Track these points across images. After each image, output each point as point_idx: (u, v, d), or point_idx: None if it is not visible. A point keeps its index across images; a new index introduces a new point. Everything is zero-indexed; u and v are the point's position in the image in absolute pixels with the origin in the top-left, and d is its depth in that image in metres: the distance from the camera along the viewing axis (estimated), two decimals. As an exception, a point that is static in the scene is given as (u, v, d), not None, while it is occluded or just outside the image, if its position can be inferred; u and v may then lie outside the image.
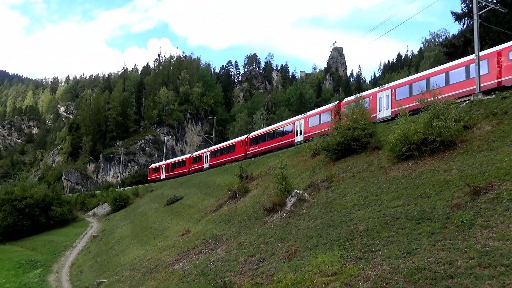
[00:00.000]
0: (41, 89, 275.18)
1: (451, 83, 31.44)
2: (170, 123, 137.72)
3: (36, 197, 63.36)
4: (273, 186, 28.10)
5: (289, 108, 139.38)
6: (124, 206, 65.13)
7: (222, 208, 32.33)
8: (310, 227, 18.88)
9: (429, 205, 15.50)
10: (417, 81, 34.09)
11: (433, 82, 31.49)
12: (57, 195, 68.92)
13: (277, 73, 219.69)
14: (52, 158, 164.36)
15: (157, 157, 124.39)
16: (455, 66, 31.87)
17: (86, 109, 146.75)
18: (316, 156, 32.64)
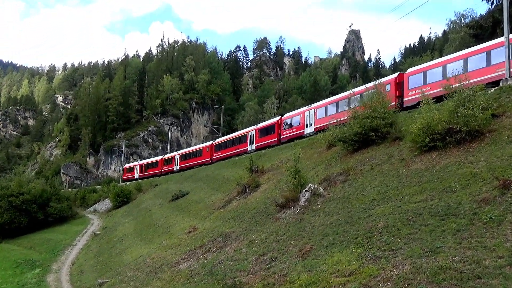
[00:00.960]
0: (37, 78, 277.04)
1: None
2: (175, 113, 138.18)
3: (34, 193, 64.04)
4: (285, 180, 28.09)
5: (302, 96, 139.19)
6: (126, 202, 65.65)
7: (231, 204, 32.44)
8: (326, 223, 18.88)
9: (455, 200, 15.41)
10: (334, 102, 45.57)
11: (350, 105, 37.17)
12: (55, 191, 69.60)
13: (289, 58, 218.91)
14: (50, 151, 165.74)
15: (161, 150, 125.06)
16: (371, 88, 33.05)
17: (85, 99, 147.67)
18: (332, 147, 32.56)
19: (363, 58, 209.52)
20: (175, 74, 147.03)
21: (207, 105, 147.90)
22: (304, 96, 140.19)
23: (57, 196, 68.14)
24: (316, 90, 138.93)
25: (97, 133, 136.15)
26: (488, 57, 30.73)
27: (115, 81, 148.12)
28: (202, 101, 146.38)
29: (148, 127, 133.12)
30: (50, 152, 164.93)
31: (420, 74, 35.89)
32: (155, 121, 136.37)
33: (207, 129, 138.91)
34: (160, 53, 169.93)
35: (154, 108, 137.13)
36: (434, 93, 30.18)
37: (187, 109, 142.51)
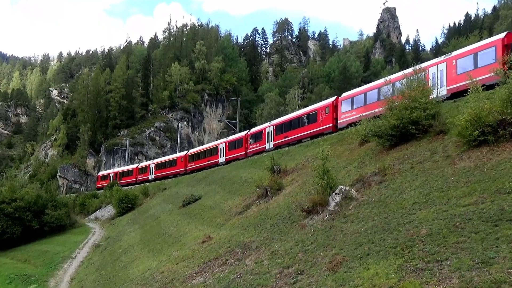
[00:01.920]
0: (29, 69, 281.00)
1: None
2: (185, 106, 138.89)
3: (27, 199, 64.86)
4: (312, 181, 28.02)
5: (330, 85, 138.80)
6: (131, 208, 66.33)
7: (250, 209, 32.50)
8: (360, 231, 18.79)
9: (510, 203, 15.21)
10: (292, 120, 56.05)
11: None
12: (51, 196, 70.54)
13: (314, 42, 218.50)
14: (45, 151, 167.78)
15: (170, 149, 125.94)
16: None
17: (83, 92, 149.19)
18: (365, 143, 32.40)
19: (399, 40, 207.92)
20: (184, 62, 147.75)
21: (221, 97, 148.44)
22: (332, 85, 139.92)
23: (53, 202, 68.94)
24: (345, 78, 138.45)
25: (97, 130, 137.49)
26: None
27: (116, 71, 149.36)
28: (215, 93, 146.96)
29: (155, 123, 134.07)
30: (45, 152, 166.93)
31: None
32: (162, 116, 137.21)
33: (222, 124, 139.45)
34: (167, 39, 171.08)
35: (161, 101, 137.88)
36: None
37: (199, 101, 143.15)
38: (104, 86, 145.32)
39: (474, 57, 35.50)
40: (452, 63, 37.16)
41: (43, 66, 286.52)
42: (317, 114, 51.91)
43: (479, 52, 35.20)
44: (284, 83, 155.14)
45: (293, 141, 54.03)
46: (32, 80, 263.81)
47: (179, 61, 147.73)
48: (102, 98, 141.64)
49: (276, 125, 59.00)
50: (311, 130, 52.15)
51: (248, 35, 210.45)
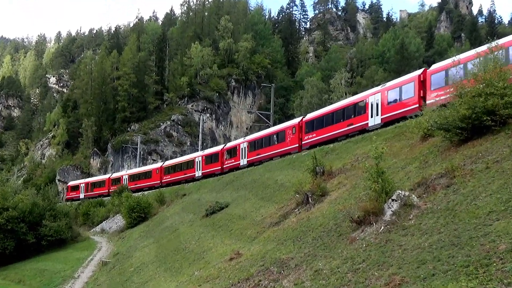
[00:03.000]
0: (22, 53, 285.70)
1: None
2: (207, 95, 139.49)
3: (22, 208, 65.99)
4: (363, 185, 27.86)
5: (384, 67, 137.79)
6: (144, 218, 66.95)
7: (288, 220, 32.49)
8: (422, 246, 18.64)
9: None
10: (266, 136, 67.97)
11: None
12: (50, 205, 71.61)
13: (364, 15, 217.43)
14: (41, 151, 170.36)
15: (190, 147, 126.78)
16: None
17: (86, 79, 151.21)
18: (429, 138, 32.06)
19: (470, 11, 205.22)
20: (206, 42, 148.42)
21: (251, 83, 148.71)
22: (387, 67, 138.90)
23: (52, 211, 69.97)
24: (403, 59, 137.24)
25: (103, 125, 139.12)
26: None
27: (125, 54, 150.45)
28: (244, 78, 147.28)
29: (172, 116, 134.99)
30: (42, 152, 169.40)
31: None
32: (180, 107, 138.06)
33: (252, 117, 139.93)
34: (186, 14, 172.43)
35: (179, 90, 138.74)
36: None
37: (224, 89, 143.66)
38: (111, 72, 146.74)
39: (399, 90, 47.89)
40: (385, 94, 49.47)
41: (38, 49, 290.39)
42: (285, 133, 63.17)
43: (402, 86, 47.84)
44: (327, 65, 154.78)
45: (265, 159, 65.30)
46: (25, 65, 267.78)
47: (200, 40, 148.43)
48: (108, 86, 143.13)
49: (250, 142, 70.88)
50: (280, 149, 63.19)
51: (283, 8, 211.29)
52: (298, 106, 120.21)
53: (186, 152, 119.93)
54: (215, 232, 41.31)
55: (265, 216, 37.02)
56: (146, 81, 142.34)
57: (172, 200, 69.04)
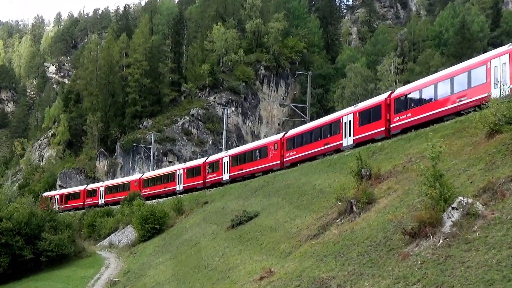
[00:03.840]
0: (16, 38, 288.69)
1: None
2: (232, 85, 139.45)
3: (17, 218, 66.40)
4: (418, 190, 27.69)
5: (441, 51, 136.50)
6: (159, 230, 67.12)
7: (329, 232, 32.40)
8: (489, 263, 18.46)
9: None
10: (250, 150, 75.88)
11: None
12: (50, 215, 71.99)
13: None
14: (39, 152, 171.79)
15: (212, 146, 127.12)
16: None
17: (91, 68, 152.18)
18: (496, 134, 31.67)
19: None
20: (231, 23, 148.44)
21: (283, 71, 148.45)
22: (445, 50, 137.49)
23: (52, 223, 70.24)
24: (464, 40, 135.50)
25: (110, 121, 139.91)
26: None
27: (136, 38, 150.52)
28: (275, 65, 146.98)
29: (191, 110, 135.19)
30: (40, 153, 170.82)
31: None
32: (201, 99, 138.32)
33: (285, 110, 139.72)
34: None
35: (199, 79, 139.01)
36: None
37: (252, 78, 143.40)
38: (120, 59, 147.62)
39: (369, 112, 56.43)
40: (356, 115, 57.81)
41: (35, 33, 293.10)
42: (267, 149, 70.97)
43: (371, 108, 56.48)
44: (374, 49, 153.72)
45: (247, 174, 72.46)
46: (20, 52, 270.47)
47: (223, 21, 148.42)
48: (116, 76, 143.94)
49: (232, 156, 78.41)
50: (262, 165, 70.91)
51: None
52: (339, 98, 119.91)
53: (207, 152, 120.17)
54: (243, 246, 41.34)
55: (302, 228, 36.95)
56: (160, 69, 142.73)
57: (191, 209, 69.10)
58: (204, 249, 47.30)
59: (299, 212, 41.49)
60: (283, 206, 46.17)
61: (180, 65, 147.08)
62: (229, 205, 58.71)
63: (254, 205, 51.85)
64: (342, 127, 59.20)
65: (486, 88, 44.47)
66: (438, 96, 49.90)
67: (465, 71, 47.84)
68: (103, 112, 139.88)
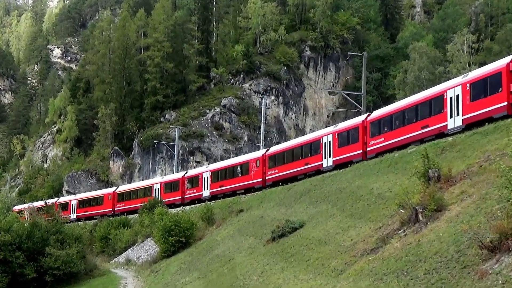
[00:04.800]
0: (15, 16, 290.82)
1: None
2: (271, 70, 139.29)
3: (17, 231, 66.89)
4: (497, 195, 27.44)
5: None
6: (186, 244, 67.00)
7: (389, 245, 32.30)
8: None
9: None
10: (231, 167, 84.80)
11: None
12: (55, 226, 72.23)
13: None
14: (43, 151, 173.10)
15: (248, 142, 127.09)
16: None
17: (103, 51, 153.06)
18: None
19: None
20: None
21: (333, 52, 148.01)
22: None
23: (59, 235, 70.34)
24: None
25: (126, 114, 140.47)
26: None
27: (156, 15, 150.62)
28: (323, 45, 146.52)
29: (222, 100, 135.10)
30: (43, 153, 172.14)
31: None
32: (234, 87, 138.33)
33: (336, 99, 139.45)
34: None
35: (232, 63, 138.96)
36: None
37: (296, 61, 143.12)
38: (137, 39, 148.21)
39: (347, 134, 66.28)
40: (335, 136, 67.49)
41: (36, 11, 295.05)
42: (249, 166, 78.97)
43: (350, 130, 66.27)
44: (443, 24, 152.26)
45: (228, 191, 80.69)
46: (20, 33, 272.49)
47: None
48: (133, 60, 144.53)
49: (213, 172, 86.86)
50: (243, 183, 79.05)
51: None
52: (400, 84, 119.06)
53: (242, 150, 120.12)
54: (286, 263, 41.36)
55: (356, 240, 36.89)
56: (185, 51, 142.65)
57: (224, 219, 68.80)
58: (240, 267, 47.36)
59: (353, 221, 41.41)
60: (334, 214, 46.12)
61: (209, 46, 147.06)
62: (268, 214, 58.65)
63: (299, 214, 51.80)
64: (322, 147, 68.41)
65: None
66: (406, 122, 59.61)
67: (427, 99, 58.58)
68: (118, 103, 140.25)
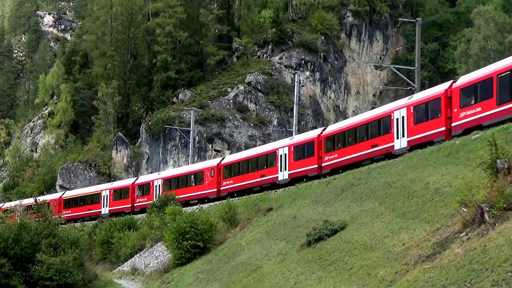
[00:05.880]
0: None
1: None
2: (306, 40, 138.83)
3: (2, 234, 67.20)
4: None
5: None
6: (204, 249, 67.03)
7: (449, 251, 32.20)
8: None
9: None
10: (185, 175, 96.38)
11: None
12: (48, 228, 72.50)
13: None
14: (32, 138, 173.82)
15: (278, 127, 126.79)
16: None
17: (103, 17, 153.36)
18: None
19: None
20: None
21: (380, 18, 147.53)
22: None
23: (51, 239, 70.43)
24: None
25: (132, 94, 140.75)
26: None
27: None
28: (369, 10, 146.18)
29: (247, 76, 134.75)
30: (33, 140, 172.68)
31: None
32: (261, 60, 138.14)
33: (383, 75, 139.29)
34: None
35: (258, 31, 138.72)
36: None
37: (335, 29, 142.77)
38: (144, 3, 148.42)
39: (303, 148, 75.77)
40: (291, 149, 76.99)
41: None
42: (203, 175, 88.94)
43: (305, 144, 75.85)
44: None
45: (181, 201, 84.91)
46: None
47: None
48: (139, 28, 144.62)
49: (165, 179, 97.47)
50: (197, 192, 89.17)
51: None
52: (462, 56, 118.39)
53: (271, 137, 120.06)
54: (324, 272, 41.42)
55: (409, 245, 36.87)
56: (202, 18, 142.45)
57: (249, 219, 68.63)
58: (268, 277, 47.48)
59: (405, 222, 41.39)
60: (381, 213, 46.08)
61: (230, 11, 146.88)
62: (303, 213, 58.58)
63: (339, 213, 51.76)
64: (278, 159, 78.12)
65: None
66: (358, 140, 70.00)
67: (376, 119, 69.54)
68: (121, 80, 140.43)
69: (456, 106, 69.27)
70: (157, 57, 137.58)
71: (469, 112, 66.04)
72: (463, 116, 67.69)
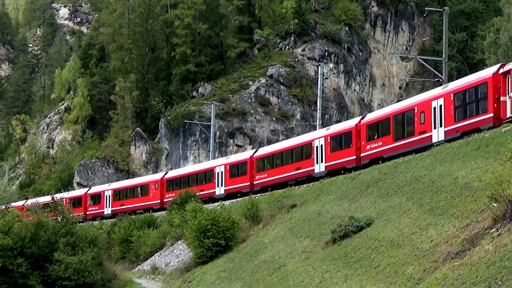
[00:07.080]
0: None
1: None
2: (329, 31, 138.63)
3: (19, 233, 67.31)
4: None
5: None
6: (226, 247, 67.09)
7: (479, 247, 32.06)
8: None
9: None
10: (133, 187, 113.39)
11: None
12: (65, 226, 72.51)
13: None
14: (48, 134, 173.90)
15: (301, 121, 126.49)
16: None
17: (120, 10, 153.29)
18: None
19: None
20: None
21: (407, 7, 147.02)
22: None
23: (69, 238, 70.47)
24: None
25: (150, 88, 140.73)
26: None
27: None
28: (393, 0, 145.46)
29: (268, 69, 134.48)
30: (49, 136, 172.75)
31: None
32: (283, 52, 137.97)
33: (410, 66, 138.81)
34: None
35: (280, 22, 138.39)
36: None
37: (360, 20, 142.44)
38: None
39: (237, 167, 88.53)
40: (227, 168, 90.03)
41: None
42: (149, 187, 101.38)
43: (239, 164, 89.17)
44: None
45: (129, 210, 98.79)
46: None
47: None
48: (158, 20, 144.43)
49: (114, 190, 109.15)
50: (142, 203, 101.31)
51: None
52: (491, 46, 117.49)
53: (294, 131, 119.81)
54: (350, 270, 41.38)
55: (438, 242, 36.75)
56: (222, 9, 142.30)
57: (272, 216, 68.72)
58: (293, 275, 47.44)
59: (433, 218, 41.27)
60: (409, 209, 45.98)
61: (251, 2, 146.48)
62: (327, 209, 58.49)
63: (365, 209, 51.69)
64: (215, 176, 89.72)
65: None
66: (284, 162, 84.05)
67: (300, 145, 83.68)
68: (139, 74, 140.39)
69: (364, 139, 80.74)
70: (176, 49, 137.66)
71: (374, 145, 77.84)
72: (369, 148, 79.18)
